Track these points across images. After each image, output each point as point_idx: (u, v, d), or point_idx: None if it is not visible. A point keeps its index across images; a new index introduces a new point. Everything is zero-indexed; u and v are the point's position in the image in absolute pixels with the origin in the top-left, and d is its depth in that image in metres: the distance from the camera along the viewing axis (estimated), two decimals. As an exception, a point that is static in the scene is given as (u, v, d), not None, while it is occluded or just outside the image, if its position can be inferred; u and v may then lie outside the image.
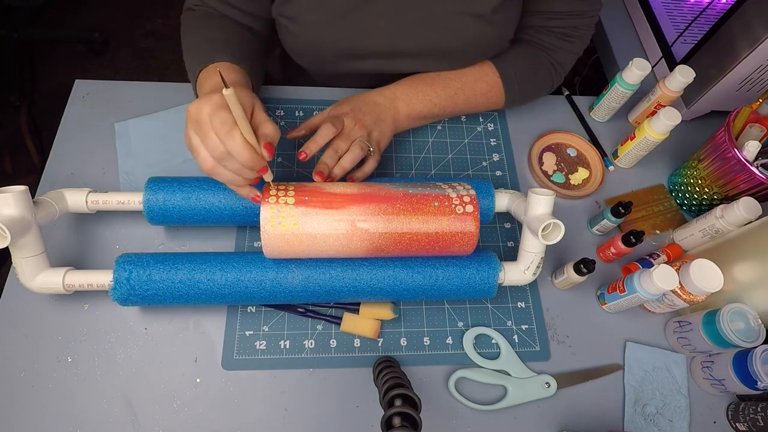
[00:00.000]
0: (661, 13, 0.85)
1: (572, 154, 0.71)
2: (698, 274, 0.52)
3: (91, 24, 1.66)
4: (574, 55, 0.68)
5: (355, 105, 0.60)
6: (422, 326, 0.57)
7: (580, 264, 0.55)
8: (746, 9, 0.63)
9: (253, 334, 0.54)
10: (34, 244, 0.47)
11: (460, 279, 0.52)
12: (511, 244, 0.63)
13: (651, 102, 0.69)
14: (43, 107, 1.50)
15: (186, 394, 0.51)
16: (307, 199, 0.47)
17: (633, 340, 0.59)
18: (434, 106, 0.63)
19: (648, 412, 0.55)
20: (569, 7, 0.62)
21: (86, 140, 0.64)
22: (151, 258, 0.50)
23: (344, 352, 0.55)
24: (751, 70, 0.65)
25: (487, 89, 0.65)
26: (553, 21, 0.64)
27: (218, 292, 0.49)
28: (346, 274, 0.51)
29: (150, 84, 0.68)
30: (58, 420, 0.49)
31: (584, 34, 0.65)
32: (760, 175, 0.56)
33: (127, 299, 0.49)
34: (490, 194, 0.58)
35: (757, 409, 0.53)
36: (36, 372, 0.51)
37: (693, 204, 0.67)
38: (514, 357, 0.56)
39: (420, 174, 0.67)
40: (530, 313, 0.59)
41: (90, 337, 0.53)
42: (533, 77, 0.67)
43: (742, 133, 0.63)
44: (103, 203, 0.53)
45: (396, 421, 0.40)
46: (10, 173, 1.37)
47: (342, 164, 0.55)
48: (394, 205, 0.48)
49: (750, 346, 0.50)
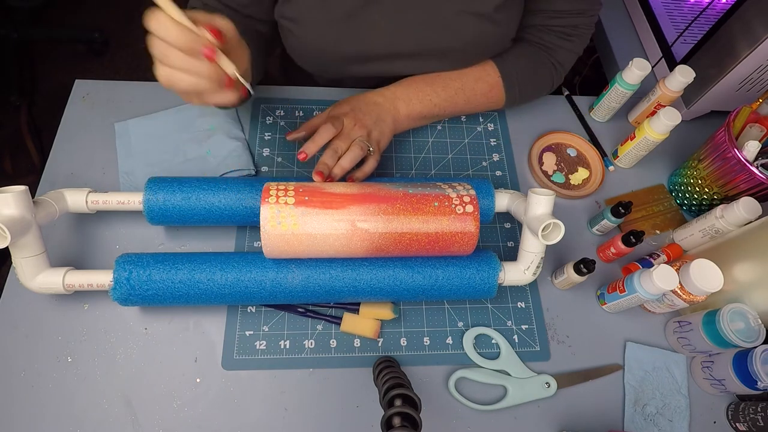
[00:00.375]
0: (661, 13, 0.85)
1: (572, 154, 0.71)
2: (698, 274, 0.52)
3: (91, 24, 1.66)
4: (575, 54, 0.68)
5: (355, 105, 0.60)
6: (422, 326, 0.57)
7: (580, 264, 0.55)
8: (746, 9, 0.63)
9: (253, 334, 0.54)
10: (34, 244, 0.47)
11: (460, 279, 0.52)
12: (511, 244, 0.63)
13: (651, 102, 0.69)
14: (43, 107, 1.50)
15: (186, 394, 0.51)
16: (307, 199, 0.47)
17: (633, 340, 0.59)
18: (434, 106, 0.63)
19: (648, 412, 0.55)
20: (570, 6, 0.62)
21: (86, 140, 0.64)
22: (151, 258, 0.50)
23: (344, 352, 0.55)
24: (751, 70, 0.65)
25: (488, 89, 0.65)
26: (554, 20, 0.64)
27: (218, 292, 0.49)
28: (346, 274, 0.51)
29: (150, 84, 0.68)
30: (58, 420, 0.49)
31: (584, 33, 0.65)
32: (760, 175, 0.56)
33: (127, 299, 0.49)
34: (490, 194, 0.58)
35: (757, 409, 0.53)
36: (36, 372, 0.51)
37: (693, 204, 0.67)
38: (514, 357, 0.56)
39: (420, 174, 0.67)
40: (530, 313, 0.59)
41: (90, 337, 0.53)
42: (534, 77, 0.67)
43: (742, 133, 0.63)
44: (103, 203, 0.53)
45: (396, 421, 0.40)
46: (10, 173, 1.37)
47: (342, 164, 0.55)
48: (394, 205, 0.48)
49: (750, 346, 0.50)
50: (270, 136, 0.67)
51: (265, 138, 0.67)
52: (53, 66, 1.59)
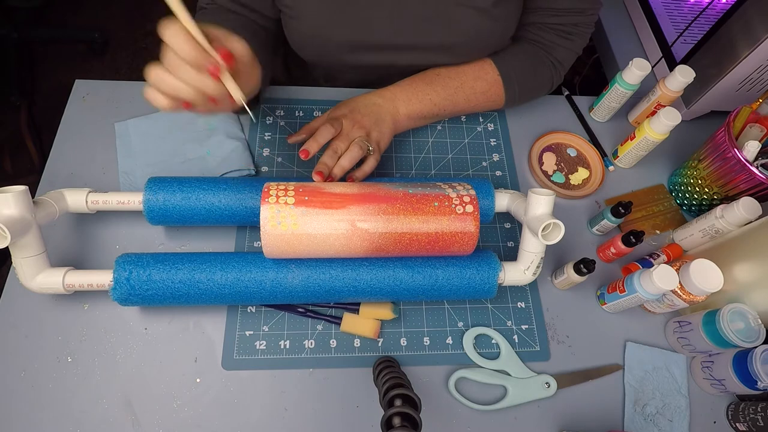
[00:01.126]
0: (661, 13, 0.85)
1: (572, 154, 0.71)
2: (698, 274, 0.52)
3: (91, 24, 1.66)
4: (574, 53, 0.68)
5: (354, 107, 0.60)
6: (422, 326, 0.57)
7: (580, 264, 0.55)
8: (746, 9, 0.63)
9: (253, 334, 0.54)
10: (34, 244, 0.47)
11: (460, 279, 0.52)
12: (511, 244, 0.63)
13: (651, 102, 0.69)
14: (43, 107, 1.50)
15: (186, 394, 0.51)
16: (307, 199, 0.47)
17: (633, 340, 0.59)
18: (434, 105, 0.63)
19: (648, 412, 0.55)
20: (570, 4, 0.62)
21: (86, 140, 0.64)
22: (151, 258, 0.50)
23: (344, 352, 0.55)
24: (751, 70, 0.65)
25: (487, 87, 0.65)
26: (553, 18, 0.64)
27: (218, 292, 0.49)
28: (346, 274, 0.51)
29: (150, 84, 0.68)
30: (58, 420, 0.49)
31: (584, 32, 0.65)
32: (760, 175, 0.56)
33: (127, 299, 0.49)
34: (490, 194, 0.58)
35: (757, 409, 0.53)
36: (36, 372, 0.51)
37: (693, 204, 0.67)
38: (514, 357, 0.56)
39: (420, 174, 0.67)
40: (530, 313, 0.59)
41: (90, 337, 0.53)
42: (533, 75, 0.67)
43: (742, 133, 0.63)
44: (103, 203, 0.53)
45: (396, 421, 0.40)
46: (10, 173, 1.37)
47: (341, 163, 0.55)
48: (394, 205, 0.48)
49: (750, 346, 0.50)
50: (270, 136, 0.67)
51: (265, 138, 0.67)
52: (53, 66, 1.59)
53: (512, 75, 0.65)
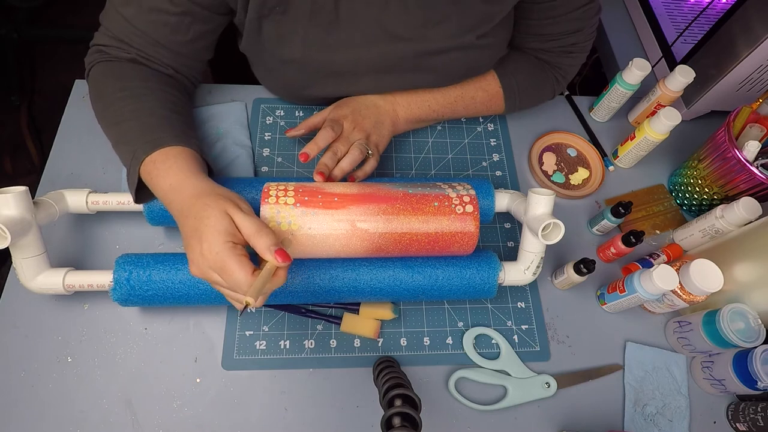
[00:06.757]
0: (661, 13, 0.85)
1: (572, 154, 0.71)
2: (698, 274, 0.52)
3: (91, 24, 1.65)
4: (576, 66, 0.67)
5: (355, 107, 0.60)
6: (422, 326, 0.57)
7: (580, 264, 0.55)
8: (746, 9, 0.63)
9: (253, 334, 0.54)
10: (34, 245, 0.47)
11: (460, 279, 0.52)
12: (511, 244, 0.63)
13: (651, 102, 0.69)
14: (43, 107, 1.50)
15: (186, 394, 0.51)
16: (307, 199, 0.47)
17: (633, 340, 0.59)
18: (433, 111, 0.64)
19: (648, 412, 0.55)
20: (564, 27, 0.61)
21: (86, 140, 0.64)
22: (151, 258, 0.50)
23: (344, 352, 0.55)
24: (751, 70, 0.65)
25: (488, 98, 0.65)
26: (550, 42, 0.63)
27: (218, 293, 0.49)
28: (346, 274, 0.51)
29: (150, 84, 0.68)
30: (58, 420, 0.49)
31: (585, 47, 0.65)
32: (760, 175, 0.56)
33: (127, 299, 0.49)
34: (490, 194, 0.58)
35: (757, 409, 0.53)
36: (36, 372, 0.51)
37: (693, 204, 0.66)
38: (514, 357, 0.56)
39: (420, 174, 0.67)
40: (530, 313, 0.59)
41: (90, 337, 0.53)
42: (535, 87, 0.67)
43: (742, 133, 0.63)
44: (103, 203, 0.53)
45: (396, 421, 0.40)
46: (10, 173, 1.37)
47: (341, 166, 0.55)
48: (394, 205, 0.48)
49: (750, 346, 0.50)
50: (270, 136, 0.67)
51: (265, 138, 0.67)
52: (53, 66, 1.59)
53: (514, 87, 0.65)
